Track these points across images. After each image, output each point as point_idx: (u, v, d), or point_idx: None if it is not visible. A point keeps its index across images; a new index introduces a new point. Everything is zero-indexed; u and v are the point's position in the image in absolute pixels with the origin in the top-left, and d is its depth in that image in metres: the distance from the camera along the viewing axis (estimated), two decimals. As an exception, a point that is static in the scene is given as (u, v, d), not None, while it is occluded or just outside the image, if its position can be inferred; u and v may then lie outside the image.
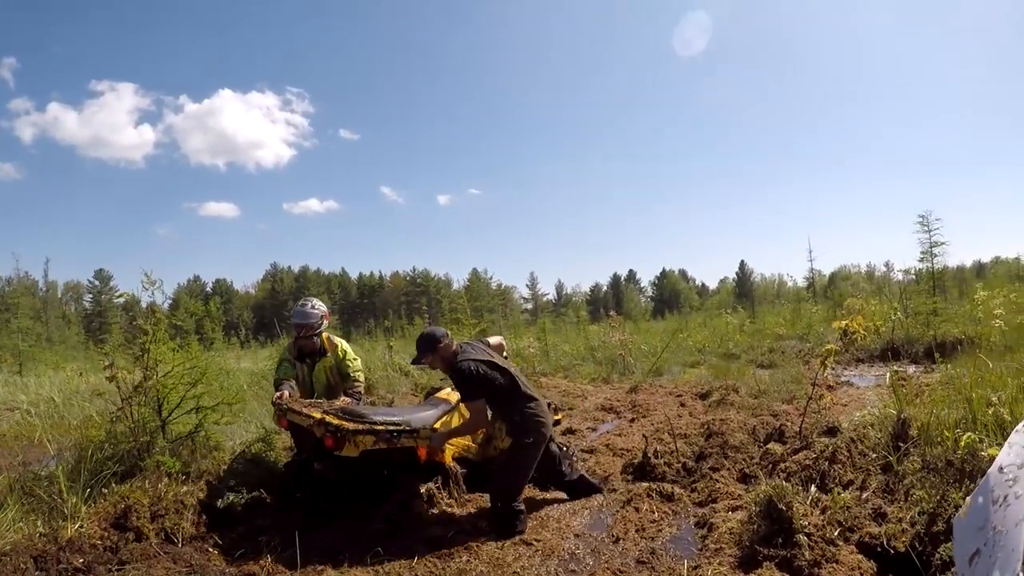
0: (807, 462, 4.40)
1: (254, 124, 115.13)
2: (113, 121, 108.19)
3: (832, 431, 4.94)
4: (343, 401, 5.07)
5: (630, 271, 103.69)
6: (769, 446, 5.06)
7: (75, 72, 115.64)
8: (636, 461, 5.43)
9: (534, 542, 4.02)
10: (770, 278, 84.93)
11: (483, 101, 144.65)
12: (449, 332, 4.70)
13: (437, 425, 4.73)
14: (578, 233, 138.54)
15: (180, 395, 5.46)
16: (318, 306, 5.66)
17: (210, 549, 4.06)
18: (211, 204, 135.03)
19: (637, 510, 4.44)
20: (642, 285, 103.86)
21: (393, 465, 4.64)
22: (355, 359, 5.71)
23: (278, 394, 5.00)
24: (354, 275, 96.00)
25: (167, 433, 5.36)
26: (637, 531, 4.15)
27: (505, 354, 5.19)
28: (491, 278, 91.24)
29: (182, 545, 4.06)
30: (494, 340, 5.09)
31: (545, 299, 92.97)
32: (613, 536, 4.11)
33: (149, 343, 5.31)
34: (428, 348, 4.56)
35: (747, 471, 4.83)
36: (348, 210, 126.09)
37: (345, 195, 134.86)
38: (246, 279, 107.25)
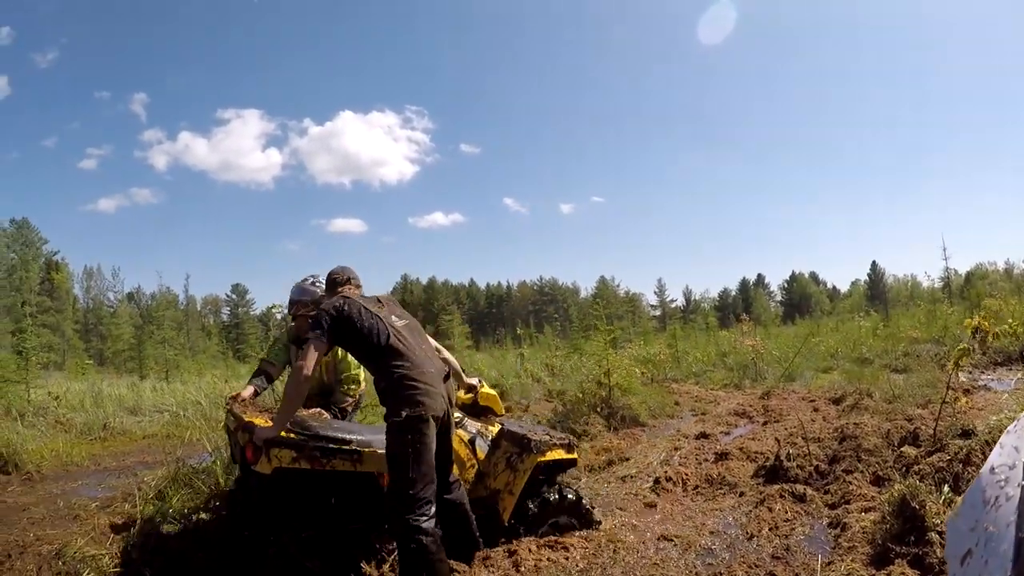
0: (941, 464, 4.46)
1: (376, 143, 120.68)
2: (240, 146, 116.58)
3: (967, 434, 4.93)
4: (313, 412, 4.37)
5: (759, 275, 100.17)
6: (903, 449, 5.10)
7: (201, 102, 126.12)
8: (769, 464, 5.61)
9: (673, 538, 4.32)
10: (903, 279, 79.53)
11: (602, 108, 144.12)
12: (354, 278, 4.11)
13: None
14: (705, 238, 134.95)
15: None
16: (320, 284, 4.93)
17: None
18: (339, 220, 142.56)
19: (770, 510, 4.64)
20: (771, 289, 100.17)
21: (344, 494, 3.80)
22: (358, 366, 4.93)
23: (233, 394, 4.57)
24: (482, 285, 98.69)
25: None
26: (771, 529, 4.35)
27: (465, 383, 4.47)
28: (619, 285, 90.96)
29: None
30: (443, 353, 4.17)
31: (673, 305, 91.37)
32: (747, 534, 4.33)
33: None
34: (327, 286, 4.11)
35: (880, 474, 4.90)
36: (473, 222, 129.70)
37: (469, 207, 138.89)
38: (376, 291, 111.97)
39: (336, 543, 3.74)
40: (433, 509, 3.38)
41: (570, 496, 4.48)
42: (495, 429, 4.49)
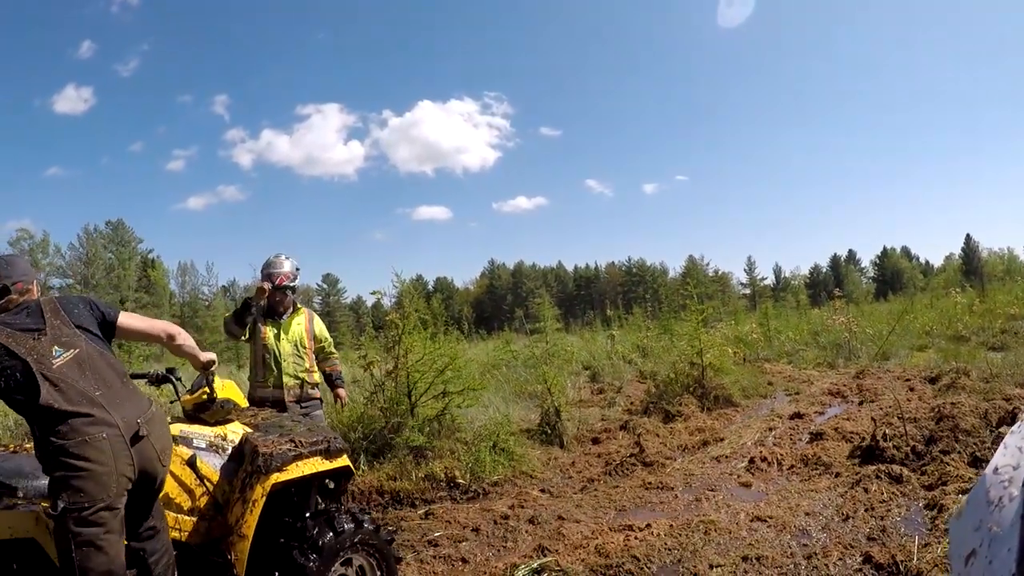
0: (1040, 446, 4.43)
1: (457, 130, 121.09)
2: (323, 141, 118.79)
3: (1070, 415, 4.86)
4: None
5: (850, 251, 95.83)
6: (1001, 430, 5.07)
7: (281, 100, 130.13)
8: (864, 444, 5.66)
9: (767, 519, 4.46)
10: (999, 252, 74.39)
11: (682, 86, 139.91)
12: (33, 271, 2.88)
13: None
14: (794, 213, 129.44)
15: (428, 381, 6.06)
16: (286, 260, 4.88)
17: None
18: (423, 208, 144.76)
19: (866, 491, 4.70)
20: (863, 265, 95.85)
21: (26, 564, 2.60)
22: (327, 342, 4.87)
23: None
24: (570, 267, 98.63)
25: (415, 415, 5.91)
26: (866, 511, 4.41)
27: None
28: (707, 264, 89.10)
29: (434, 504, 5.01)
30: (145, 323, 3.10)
31: (763, 283, 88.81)
32: (843, 515, 4.42)
33: (402, 334, 5.95)
34: None
35: (978, 454, 4.89)
36: (556, 205, 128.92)
37: (552, 191, 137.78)
38: (464, 276, 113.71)
39: None
40: None
41: (348, 526, 3.07)
42: (238, 436, 3.21)
